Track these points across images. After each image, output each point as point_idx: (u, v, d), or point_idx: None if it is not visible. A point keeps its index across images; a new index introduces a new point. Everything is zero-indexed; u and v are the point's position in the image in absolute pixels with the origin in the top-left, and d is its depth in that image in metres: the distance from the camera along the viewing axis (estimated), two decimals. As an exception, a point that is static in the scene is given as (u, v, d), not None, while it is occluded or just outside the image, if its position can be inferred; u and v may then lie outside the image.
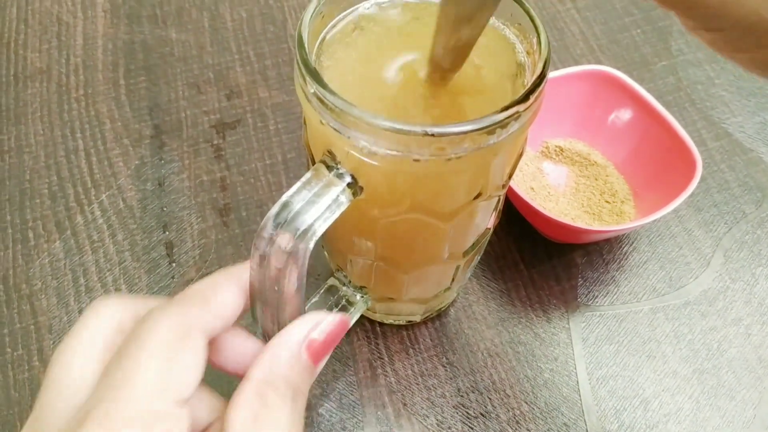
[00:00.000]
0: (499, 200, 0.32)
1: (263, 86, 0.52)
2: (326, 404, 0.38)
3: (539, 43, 0.27)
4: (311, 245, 0.25)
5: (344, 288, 0.36)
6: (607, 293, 0.43)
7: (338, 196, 0.26)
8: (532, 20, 0.28)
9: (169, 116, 0.50)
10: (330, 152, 0.27)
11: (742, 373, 0.40)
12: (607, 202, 0.44)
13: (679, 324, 0.42)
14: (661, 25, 0.57)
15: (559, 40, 0.56)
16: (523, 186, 0.44)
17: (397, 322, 0.41)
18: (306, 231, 0.24)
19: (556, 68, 0.49)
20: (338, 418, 0.38)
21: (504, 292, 0.43)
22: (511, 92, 0.29)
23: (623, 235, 0.45)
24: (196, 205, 0.46)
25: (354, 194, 0.27)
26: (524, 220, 0.44)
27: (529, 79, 0.28)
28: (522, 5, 0.29)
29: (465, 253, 0.34)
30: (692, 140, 0.42)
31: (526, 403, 0.39)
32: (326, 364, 0.39)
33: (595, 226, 0.43)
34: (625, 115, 0.46)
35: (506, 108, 0.25)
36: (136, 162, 0.48)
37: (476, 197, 0.29)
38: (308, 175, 0.26)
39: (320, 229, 0.25)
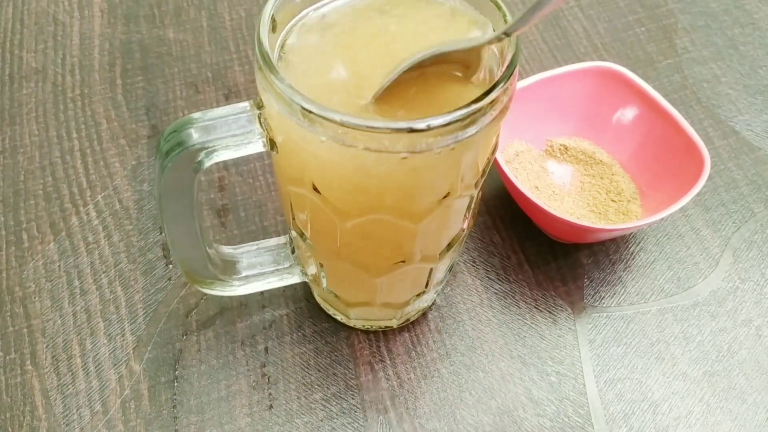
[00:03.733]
0: (472, 200, 0.31)
1: (262, 85, 0.51)
2: (326, 409, 0.37)
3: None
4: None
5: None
6: (614, 294, 0.42)
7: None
8: (499, 8, 0.28)
9: (167, 116, 0.49)
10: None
11: (753, 375, 0.39)
12: (613, 201, 0.43)
13: (688, 325, 0.41)
14: (665, 23, 0.57)
15: (563, 38, 0.55)
16: (527, 185, 0.43)
17: (373, 329, 0.40)
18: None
19: (560, 66, 0.48)
20: (339, 422, 0.37)
21: (508, 293, 0.42)
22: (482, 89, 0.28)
23: (630, 234, 0.45)
24: (194, 205, 0.45)
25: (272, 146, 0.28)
26: (529, 220, 0.43)
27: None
28: None
29: (439, 256, 0.33)
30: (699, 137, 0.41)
31: (532, 406, 0.38)
32: (326, 366, 0.38)
33: (601, 225, 0.42)
34: (630, 112, 0.45)
35: (474, 102, 0.24)
36: (133, 162, 0.47)
37: (445, 196, 0.28)
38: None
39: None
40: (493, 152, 0.30)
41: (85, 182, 0.46)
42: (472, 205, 0.32)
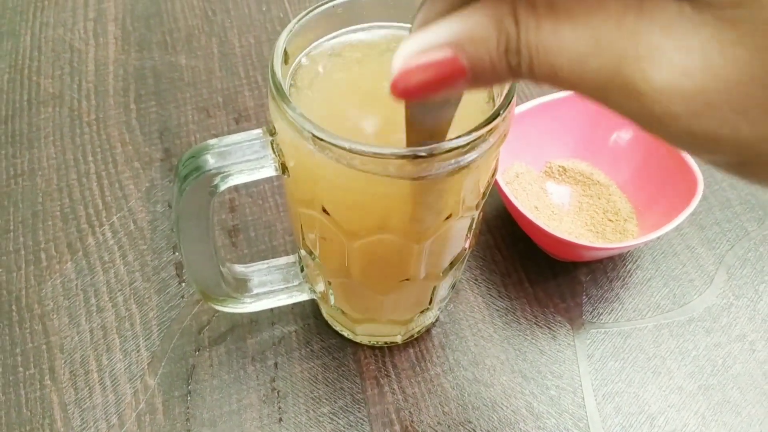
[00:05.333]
0: (473, 221, 0.33)
1: (271, 110, 0.53)
2: (334, 422, 0.39)
3: None
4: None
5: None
6: (612, 310, 0.43)
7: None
8: None
9: (179, 140, 0.51)
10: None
11: (747, 389, 0.40)
12: (610, 220, 0.45)
13: (683, 340, 0.42)
14: (660, 47, 0.58)
15: (561, 62, 0.57)
16: (527, 205, 0.45)
17: (379, 344, 0.41)
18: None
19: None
20: (346, 435, 0.38)
21: (509, 309, 0.43)
22: (482, 116, 0.29)
23: (627, 253, 0.46)
24: (206, 226, 0.46)
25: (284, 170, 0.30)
26: (529, 239, 0.45)
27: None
28: None
29: (442, 274, 0.35)
30: (693, 159, 0.43)
31: (533, 419, 0.39)
32: (333, 381, 0.40)
33: (599, 244, 0.43)
34: (626, 134, 0.46)
35: (474, 130, 0.26)
36: (147, 184, 0.48)
37: (447, 218, 0.30)
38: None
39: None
40: (493, 175, 0.32)
41: (100, 204, 0.47)
42: (474, 226, 0.34)
